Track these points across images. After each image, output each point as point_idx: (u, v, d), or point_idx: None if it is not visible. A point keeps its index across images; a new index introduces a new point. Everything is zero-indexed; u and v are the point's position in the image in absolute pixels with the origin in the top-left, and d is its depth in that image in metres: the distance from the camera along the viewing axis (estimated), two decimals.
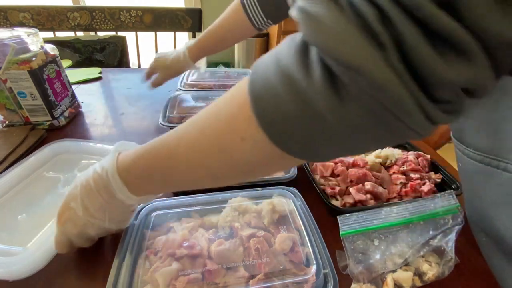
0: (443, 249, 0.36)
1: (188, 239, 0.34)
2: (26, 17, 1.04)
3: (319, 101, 0.17)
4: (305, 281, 0.31)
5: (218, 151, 0.24)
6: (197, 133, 0.25)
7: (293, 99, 0.18)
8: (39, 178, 0.47)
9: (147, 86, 0.72)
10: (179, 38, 1.22)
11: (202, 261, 0.32)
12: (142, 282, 0.30)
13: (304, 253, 0.34)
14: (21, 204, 0.42)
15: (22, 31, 0.56)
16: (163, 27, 1.17)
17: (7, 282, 0.33)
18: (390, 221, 0.37)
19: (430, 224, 0.37)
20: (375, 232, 0.36)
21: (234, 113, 0.23)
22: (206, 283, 0.30)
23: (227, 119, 0.23)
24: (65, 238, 0.32)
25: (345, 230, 0.35)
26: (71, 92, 0.68)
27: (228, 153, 0.23)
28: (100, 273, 0.34)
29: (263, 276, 0.31)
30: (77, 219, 0.30)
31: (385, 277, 0.34)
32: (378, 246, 0.35)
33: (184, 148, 0.25)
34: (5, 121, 0.60)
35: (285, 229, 0.36)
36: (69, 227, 0.31)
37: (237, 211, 0.38)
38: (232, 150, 0.23)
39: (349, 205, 0.42)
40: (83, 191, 0.30)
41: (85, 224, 0.31)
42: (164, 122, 0.60)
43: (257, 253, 0.33)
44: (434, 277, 0.34)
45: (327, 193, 0.43)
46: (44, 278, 0.34)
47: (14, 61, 0.53)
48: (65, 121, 0.65)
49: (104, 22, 1.12)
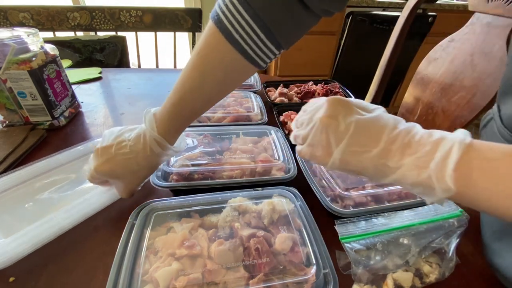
0: (444, 250, 0.36)
1: (188, 239, 0.34)
2: (26, 17, 1.04)
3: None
4: (305, 281, 0.31)
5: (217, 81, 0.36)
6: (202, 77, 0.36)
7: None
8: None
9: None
10: (179, 38, 1.22)
11: (202, 261, 0.32)
12: (142, 282, 0.30)
13: (304, 253, 0.34)
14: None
15: (22, 31, 0.56)
16: (163, 27, 1.17)
17: (7, 281, 0.33)
18: (390, 226, 0.37)
19: (433, 227, 0.37)
20: (376, 237, 0.36)
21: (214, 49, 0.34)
22: (206, 283, 0.30)
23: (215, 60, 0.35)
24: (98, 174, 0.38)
25: (344, 235, 0.35)
26: (71, 92, 0.68)
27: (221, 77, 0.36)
28: (100, 273, 0.34)
29: (263, 276, 0.31)
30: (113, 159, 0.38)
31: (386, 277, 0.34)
32: (379, 248, 0.35)
33: (207, 88, 0.36)
34: (5, 121, 0.60)
35: (285, 229, 0.36)
36: (103, 164, 0.38)
37: (237, 211, 0.38)
38: (222, 73, 0.36)
39: (349, 207, 0.42)
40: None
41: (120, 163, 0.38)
42: None
43: (257, 253, 0.32)
44: (434, 280, 0.34)
45: (327, 194, 0.43)
46: (44, 277, 0.34)
47: (14, 61, 0.53)
48: (65, 121, 0.65)
49: (104, 22, 1.12)
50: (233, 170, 0.45)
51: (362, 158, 0.28)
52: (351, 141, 0.28)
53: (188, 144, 0.51)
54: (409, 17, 0.83)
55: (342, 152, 0.28)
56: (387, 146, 0.27)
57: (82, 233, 0.39)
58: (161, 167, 0.45)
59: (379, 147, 0.27)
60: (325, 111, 0.29)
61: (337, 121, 0.29)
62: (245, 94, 0.74)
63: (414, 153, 0.25)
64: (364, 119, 0.28)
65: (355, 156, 0.28)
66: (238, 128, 0.57)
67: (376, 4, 1.86)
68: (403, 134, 0.27)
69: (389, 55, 0.91)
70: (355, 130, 0.28)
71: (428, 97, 0.85)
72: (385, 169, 0.27)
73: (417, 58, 1.93)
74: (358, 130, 0.28)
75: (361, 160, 0.28)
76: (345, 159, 0.28)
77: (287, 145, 0.53)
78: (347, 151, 0.28)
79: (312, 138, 0.30)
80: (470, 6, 0.72)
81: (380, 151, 0.27)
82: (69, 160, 0.50)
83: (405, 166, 0.26)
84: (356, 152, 0.28)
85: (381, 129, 0.28)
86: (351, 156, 0.28)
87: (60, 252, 0.37)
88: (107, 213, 0.42)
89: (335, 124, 0.29)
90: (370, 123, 0.28)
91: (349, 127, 0.28)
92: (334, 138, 0.29)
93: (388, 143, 0.27)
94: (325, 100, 0.31)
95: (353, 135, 0.28)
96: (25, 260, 0.34)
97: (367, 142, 0.28)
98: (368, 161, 0.27)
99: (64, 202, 0.42)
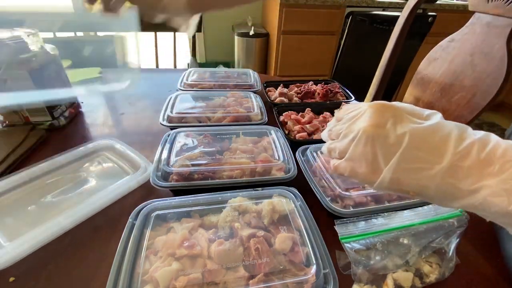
0: (444, 250, 0.36)
1: (188, 239, 0.34)
2: None
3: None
4: (305, 281, 0.31)
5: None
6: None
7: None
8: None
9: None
10: (179, 38, 1.22)
11: (202, 261, 0.32)
12: (142, 282, 0.30)
13: (304, 253, 0.34)
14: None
15: (22, 31, 0.56)
16: (163, 27, 1.17)
17: (7, 281, 0.33)
18: (390, 226, 0.37)
19: (433, 227, 0.37)
20: (376, 237, 0.36)
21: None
22: (206, 283, 0.30)
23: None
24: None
25: (344, 235, 0.35)
26: None
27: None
28: (100, 273, 0.34)
29: (263, 276, 0.31)
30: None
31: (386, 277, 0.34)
32: (379, 248, 0.35)
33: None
34: (5, 121, 0.60)
35: (285, 229, 0.36)
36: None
37: (237, 211, 0.38)
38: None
39: (349, 207, 0.42)
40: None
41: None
42: (164, 122, 0.60)
43: (257, 253, 0.32)
44: (434, 279, 0.34)
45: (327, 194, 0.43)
46: (44, 278, 0.34)
47: (14, 61, 0.53)
48: (65, 121, 0.65)
49: None
50: (233, 170, 0.45)
51: (420, 177, 0.23)
52: (406, 156, 0.23)
53: (188, 144, 0.51)
54: (409, 17, 0.83)
55: (393, 169, 0.24)
56: (456, 162, 0.22)
57: (82, 233, 0.39)
58: (161, 167, 0.45)
59: (444, 163, 0.22)
60: (369, 119, 0.25)
61: (386, 131, 0.24)
62: (245, 94, 0.74)
63: (500, 174, 0.21)
64: (420, 128, 0.24)
65: (411, 175, 0.23)
66: (238, 128, 0.57)
67: (376, 4, 1.87)
68: (478, 146, 0.22)
69: (389, 55, 0.91)
70: (410, 142, 0.23)
71: (428, 97, 0.85)
72: (454, 192, 0.22)
73: (417, 58, 1.93)
74: (414, 142, 0.23)
75: (419, 178, 0.23)
76: (398, 178, 0.24)
77: (287, 145, 0.53)
78: (400, 169, 0.24)
79: (353, 151, 0.26)
80: (470, 6, 0.72)
81: (446, 168, 0.22)
82: (70, 161, 0.50)
83: (486, 189, 0.21)
84: (412, 169, 0.23)
85: (444, 140, 0.23)
86: (405, 175, 0.24)
87: (60, 252, 0.37)
88: (107, 213, 0.42)
89: (383, 135, 0.24)
90: (428, 132, 0.24)
91: (402, 138, 0.24)
92: (382, 152, 0.24)
93: (457, 158, 0.22)
94: (368, 106, 0.26)
95: (407, 148, 0.23)
96: (25, 260, 0.34)
97: (427, 157, 0.23)
98: (429, 181, 0.23)
99: (67, 205, 0.42)
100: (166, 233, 0.35)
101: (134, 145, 0.54)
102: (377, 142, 0.24)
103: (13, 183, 0.44)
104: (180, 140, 0.52)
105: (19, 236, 0.35)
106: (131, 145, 0.53)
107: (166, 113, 0.62)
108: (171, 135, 0.53)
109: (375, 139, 0.24)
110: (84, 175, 0.48)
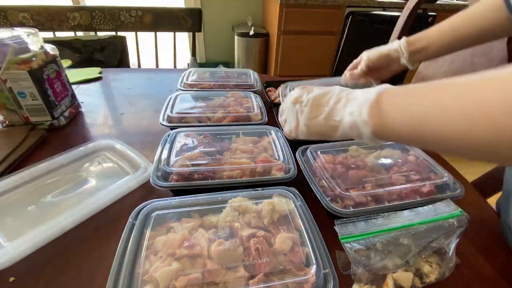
0: (444, 250, 0.36)
1: (188, 239, 0.34)
2: (26, 17, 1.04)
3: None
4: (305, 281, 0.31)
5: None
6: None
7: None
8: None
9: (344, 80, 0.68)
10: (179, 38, 1.22)
11: (202, 261, 0.32)
12: (142, 282, 0.30)
13: (304, 253, 0.34)
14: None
15: (22, 31, 0.56)
16: (163, 27, 1.17)
17: (7, 281, 0.33)
18: (390, 226, 0.37)
19: (433, 227, 0.37)
20: (376, 237, 0.36)
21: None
22: (206, 283, 0.30)
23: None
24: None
25: (344, 235, 0.35)
26: (71, 92, 0.68)
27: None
28: (100, 273, 0.34)
29: (263, 276, 0.31)
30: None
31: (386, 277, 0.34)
32: (379, 248, 0.35)
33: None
34: (5, 121, 0.60)
35: (285, 229, 0.36)
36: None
37: (237, 211, 0.38)
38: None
39: (349, 207, 0.42)
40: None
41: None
42: (164, 122, 0.60)
43: (257, 253, 0.32)
44: (434, 279, 0.34)
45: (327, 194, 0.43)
46: (44, 278, 0.34)
47: (14, 61, 0.53)
48: (65, 121, 0.65)
49: (104, 22, 1.12)
50: (233, 170, 0.45)
51: (318, 120, 0.35)
52: (309, 110, 0.36)
53: (188, 144, 0.51)
54: (409, 17, 0.83)
55: (304, 119, 0.36)
56: (334, 106, 0.34)
57: (82, 233, 0.39)
58: (161, 167, 0.45)
59: (328, 107, 0.34)
60: (293, 96, 0.38)
61: (302, 100, 0.37)
62: (245, 94, 0.74)
63: (351, 105, 0.32)
64: (318, 93, 0.36)
65: (313, 121, 0.35)
66: (238, 128, 0.57)
67: (376, 4, 1.86)
68: (346, 94, 0.34)
69: None
70: (312, 101, 0.36)
71: None
72: (334, 124, 0.33)
73: None
74: (314, 101, 0.36)
75: (318, 121, 0.35)
76: (308, 124, 0.36)
77: (287, 145, 0.53)
78: (307, 118, 0.36)
79: (287, 117, 0.40)
80: (470, 6, 0.72)
81: (329, 110, 0.34)
82: (70, 161, 0.50)
83: (344, 116, 0.32)
84: (314, 117, 0.35)
85: (330, 96, 0.35)
86: (311, 121, 0.36)
87: (60, 252, 0.37)
88: (107, 213, 0.42)
89: (299, 103, 0.37)
90: (322, 94, 0.36)
91: (308, 101, 0.36)
92: (299, 112, 0.37)
93: (334, 103, 0.34)
94: (296, 88, 0.39)
95: (310, 105, 0.36)
96: (25, 260, 0.34)
97: (320, 108, 0.35)
98: (322, 122, 0.34)
99: (67, 205, 0.42)
100: (166, 233, 0.35)
101: (134, 145, 0.54)
102: (297, 107, 0.37)
103: (13, 183, 0.44)
104: (180, 140, 0.52)
105: (19, 236, 0.35)
106: (131, 145, 0.53)
107: (166, 113, 0.62)
108: (171, 135, 0.53)
109: (296, 106, 0.37)
110: (84, 175, 0.48)
